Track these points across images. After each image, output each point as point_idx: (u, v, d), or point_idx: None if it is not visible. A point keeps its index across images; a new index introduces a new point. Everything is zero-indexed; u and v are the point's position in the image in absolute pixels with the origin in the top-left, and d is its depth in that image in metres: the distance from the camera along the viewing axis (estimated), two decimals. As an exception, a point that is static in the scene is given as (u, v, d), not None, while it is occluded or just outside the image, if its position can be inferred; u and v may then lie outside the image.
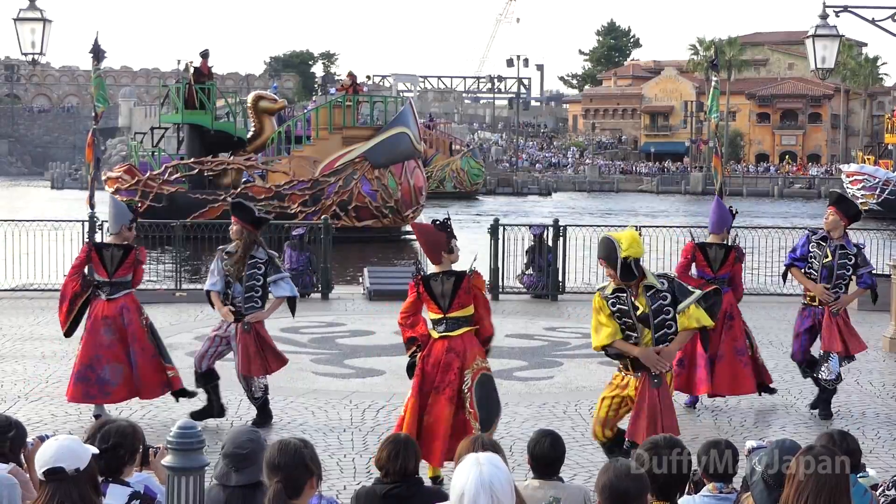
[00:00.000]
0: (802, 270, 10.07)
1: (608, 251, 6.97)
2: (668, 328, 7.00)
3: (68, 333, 10.00)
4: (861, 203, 56.43)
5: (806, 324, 10.21)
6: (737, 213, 10.95)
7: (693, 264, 10.54)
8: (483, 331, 7.94)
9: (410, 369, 8.02)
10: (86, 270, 9.97)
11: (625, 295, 7.01)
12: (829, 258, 9.94)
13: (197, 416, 9.34)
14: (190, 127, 35.09)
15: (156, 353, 9.67)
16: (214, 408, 9.57)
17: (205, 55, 34.74)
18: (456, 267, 7.90)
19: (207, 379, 9.52)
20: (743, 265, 10.96)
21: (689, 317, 7.01)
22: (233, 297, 9.29)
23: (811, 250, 10.02)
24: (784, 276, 10.67)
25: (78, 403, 9.72)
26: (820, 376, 10.09)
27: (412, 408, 7.82)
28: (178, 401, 9.86)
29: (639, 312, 6.98)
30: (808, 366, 10.47)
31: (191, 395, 9.81)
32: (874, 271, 10.59)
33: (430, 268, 8.09)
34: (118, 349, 9.56)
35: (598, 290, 7.21)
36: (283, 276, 9.43)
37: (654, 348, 6.99)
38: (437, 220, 7.98)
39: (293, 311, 9.57)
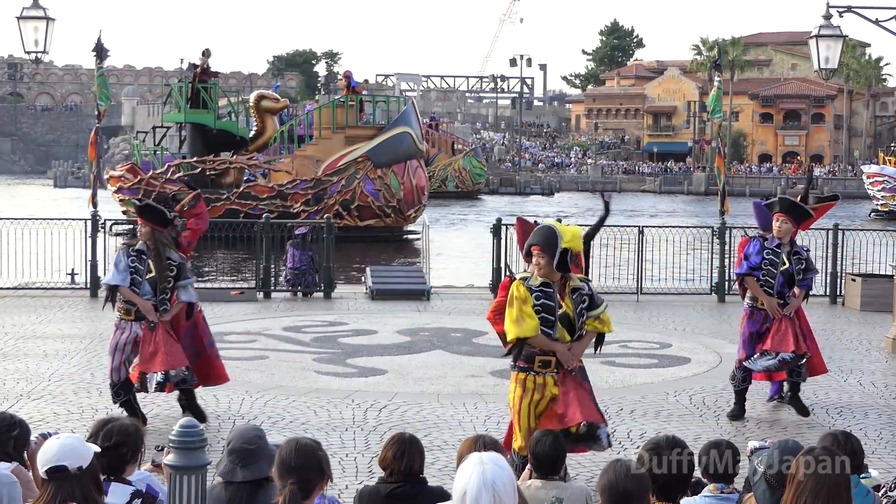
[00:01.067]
0: (757, 279, 9.92)
1: (547, 238, 6.78)
2: (580, 329, 6.99)
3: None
4: (881, 204, 56.59)
5: (755, 328, 10.03)
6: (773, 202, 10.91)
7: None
8: None
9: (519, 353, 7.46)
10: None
11: (551, 290, 6.86)
12: (787, 265, 9.85)
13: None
14: (192, 126, 35.09)
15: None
16: (140, 414, 9.42)
17: (206, 54, 34.73)
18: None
19: (126, 389, 9.39)
20: None
21: (604, 322, 7.04)
22: (141, 296, 9.25)
23: (766, 257, 9.87)
24: (740, 285, 10.28)
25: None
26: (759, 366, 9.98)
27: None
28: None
29: (560, 312, 6.88)
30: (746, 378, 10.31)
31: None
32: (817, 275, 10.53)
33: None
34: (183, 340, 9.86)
35: (521, 279, 6.93)
36: (191, 281, 9.62)
37: (567, 345, 6.94)
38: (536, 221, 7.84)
39: (189, 316, 9.62)
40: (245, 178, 34.29)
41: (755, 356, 9.96)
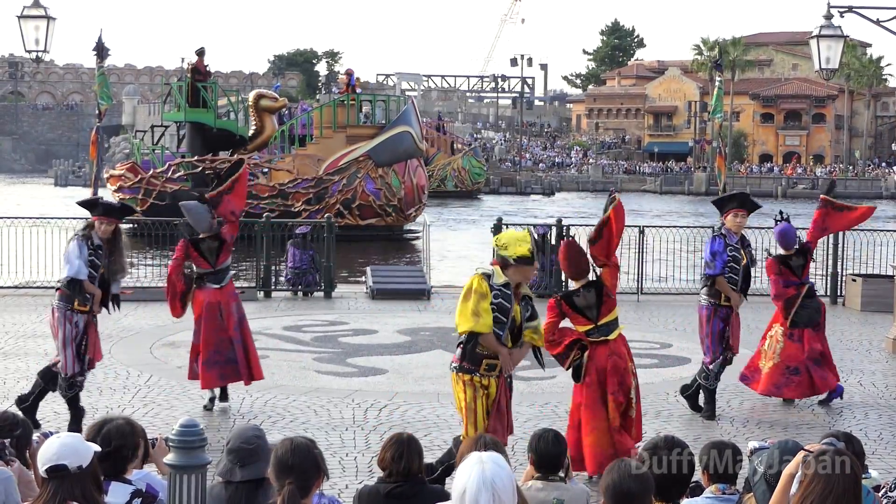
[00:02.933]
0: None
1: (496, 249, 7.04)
2: (521, 337, 7.07)
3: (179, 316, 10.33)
4: None
5: (720, 326, 9.98)
6: (787, 218, 10.87)
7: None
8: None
9: (578, 371, 7.93)
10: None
11: (509, 292, 6.90)
12: (745, 259, 9.97)
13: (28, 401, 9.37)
14: (191, 125, 35.04)
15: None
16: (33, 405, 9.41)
17: (200, 53, 34.64)
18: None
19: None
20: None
21: (539, 336, 7.14)
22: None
23: (729, 254, 9.88)
24: (710, 285, 9.97)
25: (214, 388, 10.03)
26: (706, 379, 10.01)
27: (595, 416, 7.75)
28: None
29: (511, 315, 6.95)
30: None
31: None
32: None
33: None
34: (232, 333, 9.93)
35: (482, 273, 6.93)
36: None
37: (509, 350, 6.98)
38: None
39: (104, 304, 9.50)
40: (244, 176, 34.20)
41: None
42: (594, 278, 8.01)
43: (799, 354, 10.39)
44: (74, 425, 9.01)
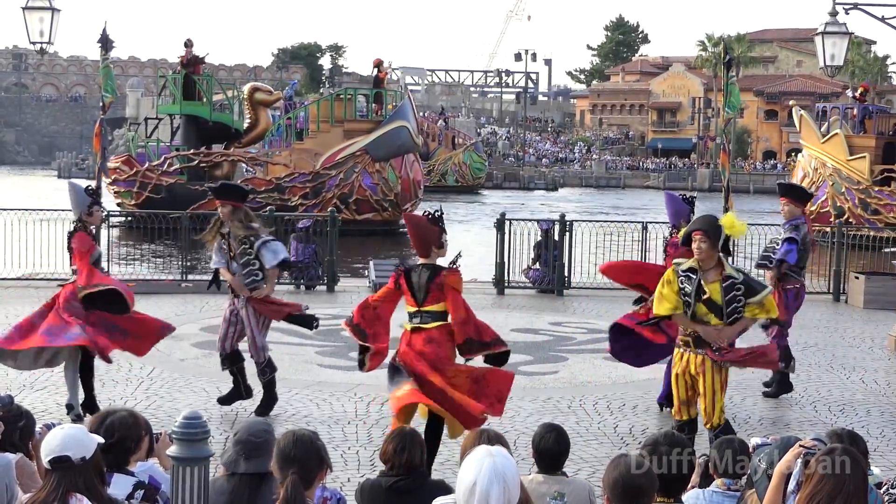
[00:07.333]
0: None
1: (711, 225, 7.35)
2: (731, 315, 7.42)
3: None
4: None
5: None
6: (693, 199, 11.34)
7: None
8: (456, 332, 7.38)
9: (361, 365, 7.87)
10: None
11: (695, 277, 7.37)
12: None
13: (224, 400, 9.56)
14: (186, 117, 34.96)
15: None
16: (241, 390, 9.64)
17: (188, 45, 34.46)
18: (442, 261, 7.55)
19: (233, 360, 9.63)
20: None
21: (764, 308, 7.47)
22: (233, 274, 9.46)
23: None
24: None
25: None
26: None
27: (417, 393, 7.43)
28: None
29: (705, 297, 7.34)
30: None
31: None
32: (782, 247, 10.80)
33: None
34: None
35: (675, 263, 7.57)
36: (265, 241, 9.40)
37: (714, 327, 7.40)
38: (430, 213, 7.61)
39: (285, 268, 9.88)
40: (245, 170, 34.24)
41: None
42: (438, 265, 7.44)
43: None
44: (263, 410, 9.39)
